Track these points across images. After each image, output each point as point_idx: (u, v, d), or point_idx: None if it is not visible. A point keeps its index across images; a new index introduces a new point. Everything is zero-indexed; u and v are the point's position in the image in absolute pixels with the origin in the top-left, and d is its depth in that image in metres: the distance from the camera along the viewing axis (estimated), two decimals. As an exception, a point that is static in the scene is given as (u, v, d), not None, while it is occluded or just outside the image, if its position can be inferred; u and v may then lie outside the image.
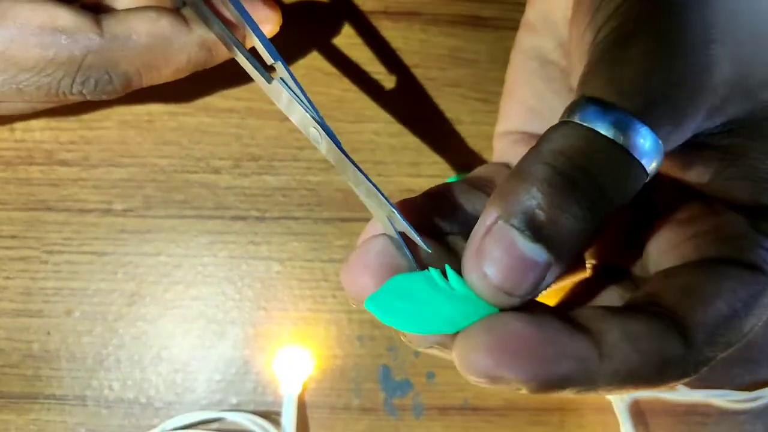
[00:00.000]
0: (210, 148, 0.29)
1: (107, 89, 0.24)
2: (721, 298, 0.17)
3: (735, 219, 0.19)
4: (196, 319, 0.28)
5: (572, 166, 0.16)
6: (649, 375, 0.17)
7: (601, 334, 0.16)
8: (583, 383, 0.16)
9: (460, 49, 0.30)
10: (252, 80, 0.23)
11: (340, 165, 0.20)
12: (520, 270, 0.15)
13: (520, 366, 0.15)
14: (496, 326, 0.16)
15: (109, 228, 0.29)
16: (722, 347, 0.18)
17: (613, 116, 0.16)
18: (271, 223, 0.29)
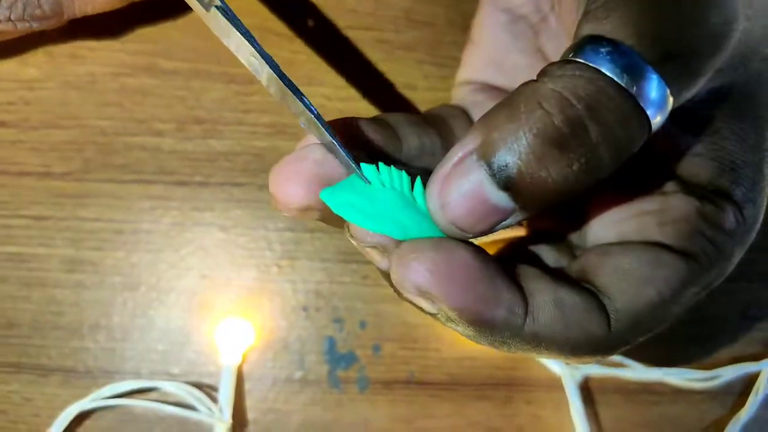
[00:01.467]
0: (153, 110, 0.28)
1: (36, 14, 0.23)
2: (652, 286, 0.17)
3: (683, 202, 0.18)
4: (136, 286, 0.28)
5: (571, 121, 0.14)
6: (565, 346, 0.17)
7: (532, 294, 0.16)
8: (501, 333, 0.16)
9: (415, 11, 0.29)
10: (199, 39, 0.23)
11: (280, 94, 0.19)
12: (480, 213, 0.15)
13: (454, 293, 0.15)
14: (445, 247, 0.15)
15: (47, 192, 0.28)
16: (644, 333, 0.18)
17: (625, 60, 0.14)
18: (215, 188, 0.28)
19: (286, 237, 0.28)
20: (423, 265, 0.15)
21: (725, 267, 0.19)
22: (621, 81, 0.14)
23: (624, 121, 0.15)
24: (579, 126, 0.14)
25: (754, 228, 0.19)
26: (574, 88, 0.14)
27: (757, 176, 0.18)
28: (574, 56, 0.15)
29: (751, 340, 0.29)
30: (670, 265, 0.17)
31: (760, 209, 0.19)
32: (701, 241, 0.18)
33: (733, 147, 0.18)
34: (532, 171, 0.14)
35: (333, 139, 0.17)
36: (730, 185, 0.18)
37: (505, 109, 0.15)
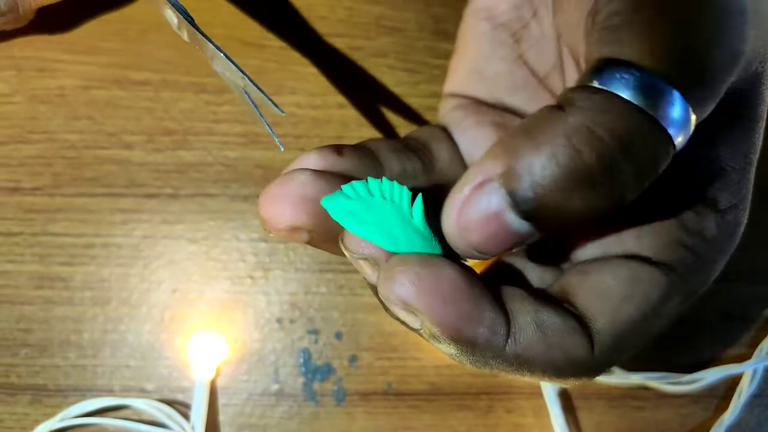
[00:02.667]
0: (122, 122, 0.28)
1: None
2: (632, 304, 0.17)
3: (661, 211, 0.18)
4: (107, 301, 0.28)
5: (604, 159, 0.14)
6: (548, 369, 0.17)
7: (514, 314, 0.16)
8: (482, 353, 0.16)
9: (386, 17, 0.29)
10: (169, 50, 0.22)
11: (197, 42, 0.19)
12: (501, 238, 0.15)
13: (438, 308, 0.15)
14: (433, 264, 0.16)
15: (16, 207, 0.28)
16: (629, 350, 0.18)
17: (648, 85, 0.14)
18: (185, 200, 0.28)
19: (259, 248, 0.28)
20: (408, 278, 0.15)
21: (708, 274, 0.18)
22: (651, 111, 0.14)
23: (654, 153, 0.14)
24: (612, 164, 0.14)
25: (737, 233, 0.19)
26: (604, 123, 0.14)
27: (743, 181, 0.18)
28: (597, 82, 0.15)
29: (734, 342, 0.29)
30: (648, 280, 0.17)
31: (743, 214, 0.19)
32: (680, 251, 0.18)
33: (723, 153, 0.18)
34: (557, 204, 0.14)
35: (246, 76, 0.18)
36: (714, 191, 0.18)
37: (529, 137, 0.15)
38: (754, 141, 0.18)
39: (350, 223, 0.16)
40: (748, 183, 0.18)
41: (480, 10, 0.23)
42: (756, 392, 0.29)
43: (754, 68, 0.17)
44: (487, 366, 0.17)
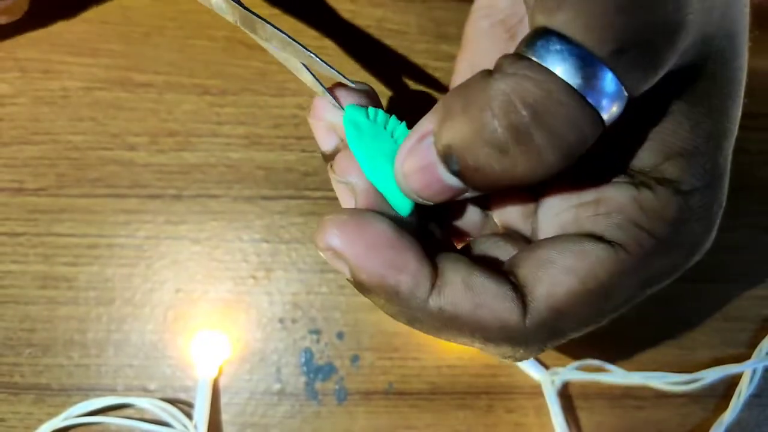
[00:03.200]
0: (126, 124, 0.29)
1: None
2: (574, 275, 0.17)
3: (618, 192, 0.18)
4: (110, 301, 0.28)
5: (515, 128, 0.15)
6: (477, 330, 0.17)
7: (443, 271, 0.17)
8: (406, 302, 0.17)
9: (388, 20, 0.30)
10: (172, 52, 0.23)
11: (250, 26, 0.20)
12: (436, 188, 0.17)
13: (360, 254, 0.17)
14: (361, 216, 0.17)
15: (20, 208, 0.28)
16: (575, 325, 0.18)
17: (576, 57, 0.15)
18: (188, 201, 0.28)
19: (262, 248, 0.28)
20: (335, 226, 0.17)
21: (674, 260, 0.18)
22: (572, 81, 0.15)
23: (573, 124, 0.15)
24: (523, 133, 0.15)
25: (709, 220, 0.18)
26: (522, 91, 0.15)
27: (709, 164, 0.18)
28: (525, 51, 0.15)
29: (732, 342, 0.30)
30: (596, 255, 0.17)
31: (713, 200, 0.18)
32: (634, 230, 0.18)
33: (684, 133, 0.17)
34: (476, 165, 0.15)
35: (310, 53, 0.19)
36: (677, 173, 0.18)
37: (459, 99, 0.16)
38: (723, 122, 0.18)
39: (353, 137, 0.18)
40: (718, 168, 0.18)
41: (482, 7, 0.23)
42: (755, 392, 0.29)
43: (717, 44, 0.17)
44: (416, 321, 0.18)
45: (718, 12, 0.16)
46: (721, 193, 0.18)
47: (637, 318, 0.29)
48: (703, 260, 0.30)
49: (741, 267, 0.30)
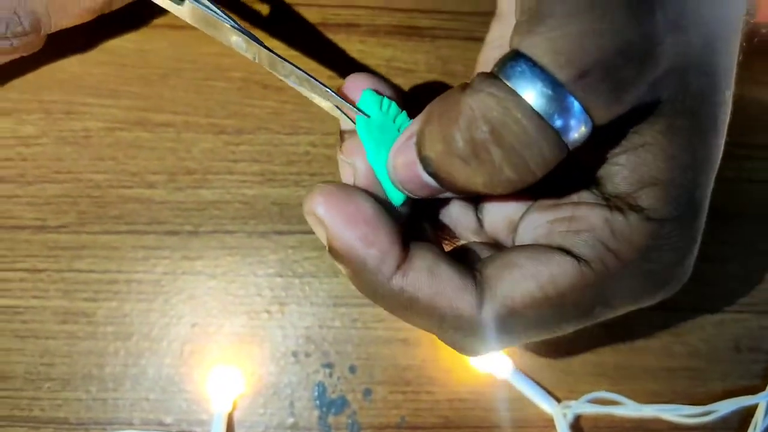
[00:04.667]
0: (145, 162, 0.30)
1: (17, 31, 0.26)
2: (534, 280, 0.18)
3: (592, 212, 0.19)
4: (128, 336, 0.29)
5: (475, 143, 0.17)
6: (434, 315, 0.19)
7: (412, 256, 0.19)
8: (371, 276, 0.19)
9: (396, 59, 0.31)
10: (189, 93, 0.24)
11: (268, 62, 0.22)
12: (417, 184, 0.19)
13: (337, 223, 0.19)
14: (348, 190, 0.19)
15: (42, 245, 0.30)
16: (528, 328, 0.19)
17: (542, 83, 0.16)
18: (205, 237, 0.30)
19: (275, 282, 0.30)
20: (321, 194, 0.19)
21: (640, 284, 0.19)
22: (534, 102, 0.16)
23: (530, 144, 0.16)
24: (482, 148, 0.17)
25: (683, 252, 0.19)
26: (484, 108, 0.16)
27: (683, 197, 0.19)
28: (497, 71, 0.17)
29: (746, 374, 0.30)
30: (558, 265, 0.19)
31: (686, 232, 0.19)
32: (601, 250, 0.19)
33: (659, 164, 0.18)
34: (445, 172, 0.18)
35: (327, 88, 0.21)
36: (650, 201, 0.18)
37: (438, 107, 0.18)
38: (701, 157, 0.19)
39: (363, 124, 0.20)
40: (693, 201, 0.19)
41: (494, 39, 0.25)
42: (770, 425, 0.29)
43: (696, 80, 0.18)
44: (378, 297, 0.19)
45: (697, 48, 0.18)
46: (695, 226, 0.20)
47: (649, 349, 0.30)
48: (714, 290, 0.31)
49: (752, 297, 0.31)
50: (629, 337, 0.31)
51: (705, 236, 0.30)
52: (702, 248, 0.31)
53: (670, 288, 0.20)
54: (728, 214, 0.32)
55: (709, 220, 0.31)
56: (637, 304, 0.20)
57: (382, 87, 0.21)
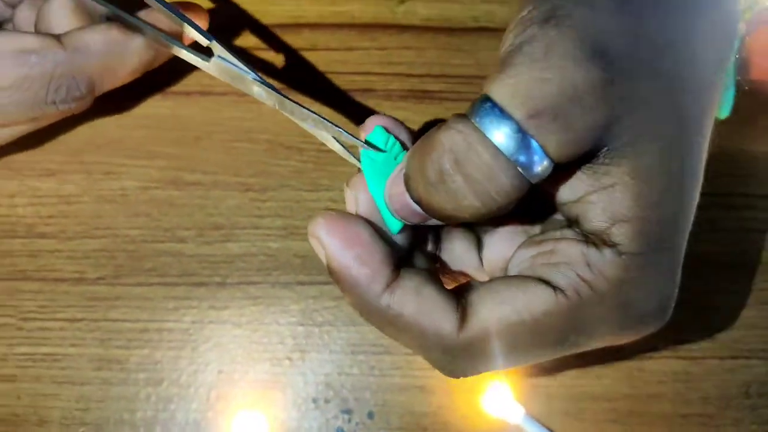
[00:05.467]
0: (177, 219, 0.33)
1: (75, 95, 0.29)
2: (510, 305, 0.21)
3: (570, 246, 0.21)
4: (159, 382, 0.31)
5: (440, 170, 0.20)
6: (417, 334, 0.21)
7: (401, 277, 0.22)
8: (363, 293, 0.21)
9: (409, 120, 0.34)
10: (219, 154, 0.27)
11: (287, 109, 0.24)
12: (407, 211, 0.22)
13: (336, 244, 0.21)
14: (348, 217, 0.22)
15: (80, 296, 0.32)
16: (506, 350, 0.21)
17: (505, 124, 0.19)
18: (231, 288, 0.32)
19: (297, 331, 0.32)
20: (323, 219, 0.22)
21: (613, 316, 0.21)
22: (493, 137, 0.19)
23: (489, 174, 0.19)
24: (447, 176, 0.20)
25: (653, 286, 0.21)
26: (452, 142, 0.20)
27: (653, 233, 0.20)
28: (468, 112, 0.20)
29: (757, 419, 0.31)
30: (534, 292, 0.21)
31: (659, 268, 0.21)
32: (575, 280, 0.21)
33: (627, 202, 0.20)
34: (423, 199, 0.21)
35: (338, 127, 0.24)
36: (620, 237, 0.20)
37: (421, 142, 0.21)
38: (666, 197, 0.20)
39: (367, 160, 0.23)
40: (663, 239, 0.21)
41: None
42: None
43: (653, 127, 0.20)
44: (368, 314, 0.22)
45: (658, 97, 0.20)
46: (669, 262, 0.21)
47: (662, 395, 0.31)
48: (724, 338, 0.32)
49: (761, 344, 0.32)
50: (643, 384, 0.32)
51: (714, 285, 0.32)
52: (711, 297, 0.32)
53: (648, 323, 0.22)
54: (735, 263, 0.33)
55: (717, 270, 0.33)
56: (614, 336, 0.22)
57: (397, 128, 0.24)
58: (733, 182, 0.34)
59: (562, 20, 0.20)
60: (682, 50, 0.21)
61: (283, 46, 0.35)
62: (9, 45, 0.28)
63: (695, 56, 0.21)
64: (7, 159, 0.34)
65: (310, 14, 0.36)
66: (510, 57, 0.20)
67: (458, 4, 0.37)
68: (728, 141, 0.25)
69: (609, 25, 0.20)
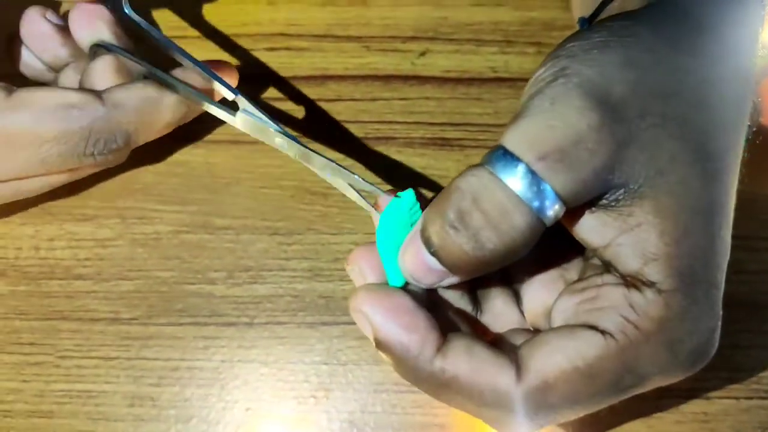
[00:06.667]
0: (207, 261, 0.35)
1: (113, 148, 0.32)
2: (563, 354, 0.22)
3: (612, 291, 0.23)
4: (188, 419, 0.33)
5: (459, 208, 0.22)
6: (473, 393, 0.22)
7: (450, 339, 0.23)
8: (414, 359, 0.23)
9: (430, 167, 0.36)
10: (248, 199, 0.30)
11: (306, 158, 0.27)
12: (422, 269, 0.23)
13: (380, 316, 0.23)
14: (386, 289, 0.24)
15: (115, 335, 0.34)
16: (563, 401, 0.22)
17: (516, 167, 0.21)
18: (258, 328, 0.34)
19: (321, 370, 0.34)
20: (365, 293, 0.24)
21: (661, 354, 0.22)
22: (506, 180, 0.21)
23: (504, 212, 0.21)
24: (465, 213, 0.22)
25: (693, 320, 0.22)
26: (468, 185, 0.22)
27: (685, 267, 0.22)
28: (483, 161, 0.22)
29: (775, 461, 0.32)
30: (584, 338, 0.22)
31: (700, 301, 0.22)
32: (621, 322, 0.22)
33: (654, 240, 0.22)
34: (441, 244, 0.22)
35: (356, 176, 0.26)
36: (655, 275, 0.22)
37: (439, 195, 0.23)
38: (692, 232, 0.22)
39: (382, 232, 0.25)
40: (696, 271, 0.22)
41: None
42: None
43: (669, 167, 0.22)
44: (421, 381, 0.23)
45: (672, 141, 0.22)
46: (707, 295, 0.23)
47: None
48: (741, 377, 0.34)
49: (776, 386, 0.33)
50: (660, 423, 0.33)
51: (732, 325, 0.34)
52: (730, 337, 0.34)
53: (696, 359, 0.23)
54: (755, 304, 0.35)
55: (735, 310, 0.34)
56: (666, 375, 0.23)
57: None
58: (755, 226, 0.36)
59: (570, 77, 0.23)
60: (692, 96, 0.23)
61: (309, 97, 0.38)
62: (52, 99, 0.30)
63: (707, 100, 0.24)
64: (46, 205, 0.37)
65: (336, 67, 0.39)
66: (521, 111, 0.23)
67: (476, 55, 0.40)
68: (749, 185, 0.27)
69: (614, 77, 0.23)
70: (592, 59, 0.23)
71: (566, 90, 0.22)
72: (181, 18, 0.41)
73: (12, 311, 0.35)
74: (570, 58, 0.23)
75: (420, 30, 0.40)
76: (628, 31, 0.24)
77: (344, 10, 0.41)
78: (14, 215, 0.36)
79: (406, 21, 0.40)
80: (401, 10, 0.41)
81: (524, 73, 0.39)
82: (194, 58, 0.32)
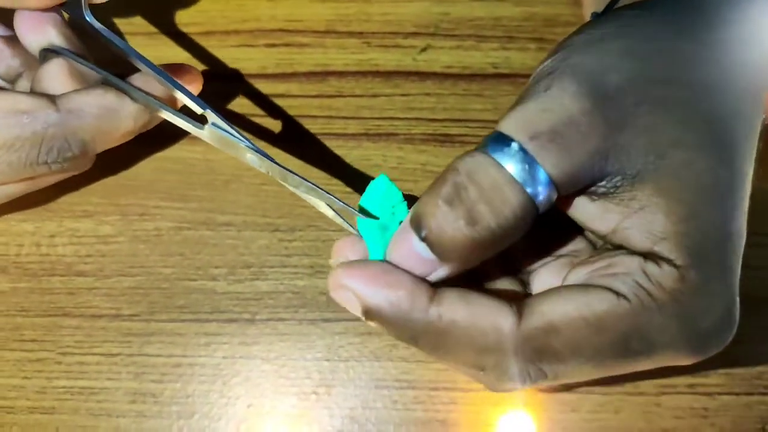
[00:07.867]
0: (209, 258, 0.36)
1: (68, 156, 0.31)
2: (573, 304, 0.23)
3: (629, 259, 0.24)
4: (190, 415, 0.34)
5: (456, 184, 0.22)
6: (473, 335, 0.23)
7: (441, 290, 0.23)
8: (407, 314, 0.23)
9: (431, 163, 0.37)
10: (248, 196, 0.31)
11: (281, 175, 0.27)
12: (413, 259, 0.23)
13: (362, 283, 0.23)
14: (364, 260, 0.25)
15: (117, 332, 0.35)
16: (565, 348, 0.23)
17: (509, 147, 0.22)
18: (260, 324, 0.35)
19: (323, 366, 0.35)
20: (341, 268, 0.24)
21: (671, 327, 0.23)
22: (501, 160, 0.22)
23: (497, 188, 0.22)
24: (461, 187, 0.22)
25: (709, 298, 0.23)
26: (463, 164, 0.23)
27: (695, 244, 0.22)
28: (483, 146, 0.23)
29: (774, 457, 0.33)
30: (597, 294, 0.23)
31: (714, 279, 0.23)
32: (635, 287, 0.23)
33: (660, 219, 0.23)
34: (435, 228, 0.22)
35: (329, 194, 0.27)
36: (667, 252, 0.22)
37: (431, 186, 0.23)
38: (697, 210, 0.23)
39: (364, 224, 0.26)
40: (707, 248, 0.23)
41: None
42: None
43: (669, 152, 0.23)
44: (417, 335, 0.23)
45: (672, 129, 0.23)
46: (722, 277, 0.23)
47: (679, 431, 0.34)
48: (742, 373, 0.34)
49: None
50: (659, 419, 0.34)
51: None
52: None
53: (707, 343, 0.24)
54: (757, 299, 0.36)
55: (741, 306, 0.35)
56: (675, 353, 0.23)
57: None
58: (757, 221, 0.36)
59: (567, 67, 0.24)
60: (699, 83, 0.24)
61: (312, 93, 0.39)
62: (1, 105, 0.29)
63: (718, 87, 0.24)
64: (47, 201, 0.37)
65: (337, 63, 0.40)
66: (518, 98, 0.24)
67: (477, 51, 0.40)
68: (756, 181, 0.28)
69: (612, 65, 0.24)
70: (592, 49, 0.24)
71: (561, 78, 0.23)
72: (180, 14, 0.42)
73: (13, 308, 0.36)
74: (571, 49, 0.24)
75: (421, 26, 0.41)
76: (632, 21, 0.25)
77: (345, 6, 0.42)
78: (15, 212, 0.37)
79: (407, 17, 0.41)
80: (402, 5, 0.42)
81: (526, 69, 0.40)
82: (156, 66, 0.30)
